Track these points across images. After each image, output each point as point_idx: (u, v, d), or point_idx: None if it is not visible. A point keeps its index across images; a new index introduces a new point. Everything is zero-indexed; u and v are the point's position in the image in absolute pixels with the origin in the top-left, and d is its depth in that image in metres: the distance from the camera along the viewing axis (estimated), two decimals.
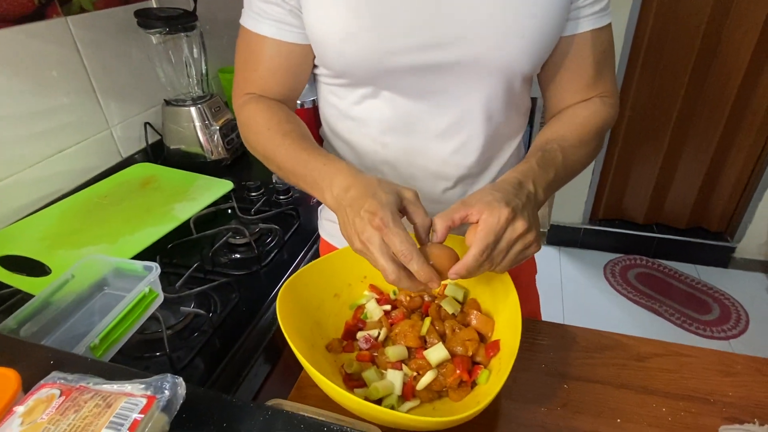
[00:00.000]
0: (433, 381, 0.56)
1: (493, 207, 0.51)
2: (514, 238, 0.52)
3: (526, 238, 0.53)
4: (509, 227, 0.51)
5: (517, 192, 0.55)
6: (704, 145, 2.12)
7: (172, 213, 0.99)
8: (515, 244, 0.52)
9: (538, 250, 0.55)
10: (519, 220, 0.51)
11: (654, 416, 0.54)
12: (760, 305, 2.09)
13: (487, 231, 0.50)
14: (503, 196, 0.53)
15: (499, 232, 0.51)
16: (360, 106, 0.69)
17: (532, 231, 0.53)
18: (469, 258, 0.51)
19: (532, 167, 0.59)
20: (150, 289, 0.70)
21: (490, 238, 0.50)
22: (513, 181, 0.56)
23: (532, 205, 0.56)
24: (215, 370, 0.69)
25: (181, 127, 1.25)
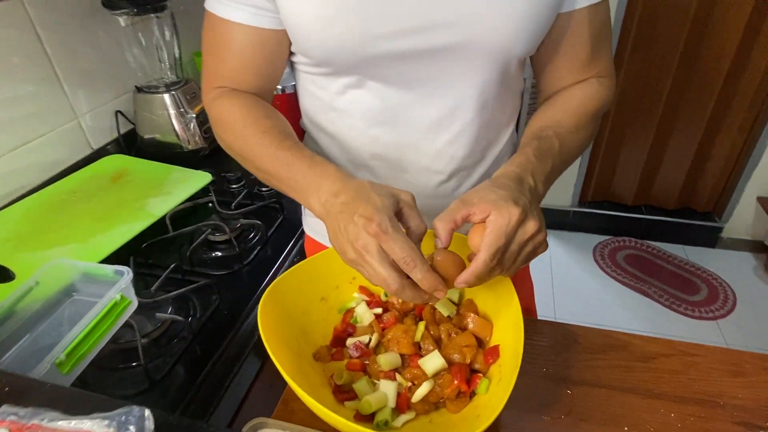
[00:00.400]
0: (430, 392, 0.52)
1: (501, 207, 0.47)
2: (525, 240, 0.48)
3: (537, 238, 0.49)
4: (520, 229, 0.47)
5: (520, 188, 0.51)
6: (693, 126, 2.11)
7: (147, 209, 0.93)
8: (526, 246, 0.48)
9: (546, 249, 0.51)
10: (530, 221, 0.48)
11: (662, 422, 0.51)
12: (746, 285, 2.11)
13: (498, 234, 0.46)
14: (509, 194, 0.48)
15: (509, 234, 0.47)
16: (343, 97, 0.64)
17: (542, 231, 0.49)
18: (478, 264, 0.47)
19: (529, 159, 0.55)
20: (122, 296, 0.65)
21: (500, 242, 0.46)
22: (512, 176, 0.52)
23: (537, 201, 0.52)
24: (195, 380, 0.64)
25: (154, 116, 1.18)
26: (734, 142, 2.10)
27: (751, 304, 2.02)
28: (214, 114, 0.65)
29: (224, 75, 0.65)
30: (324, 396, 0.54)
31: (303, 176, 0.54)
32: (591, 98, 0.64)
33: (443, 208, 0.73)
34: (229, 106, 0.63)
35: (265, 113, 0.62)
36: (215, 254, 0.87)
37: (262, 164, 0.59)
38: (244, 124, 0.61)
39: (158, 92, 1.16)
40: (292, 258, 0.88)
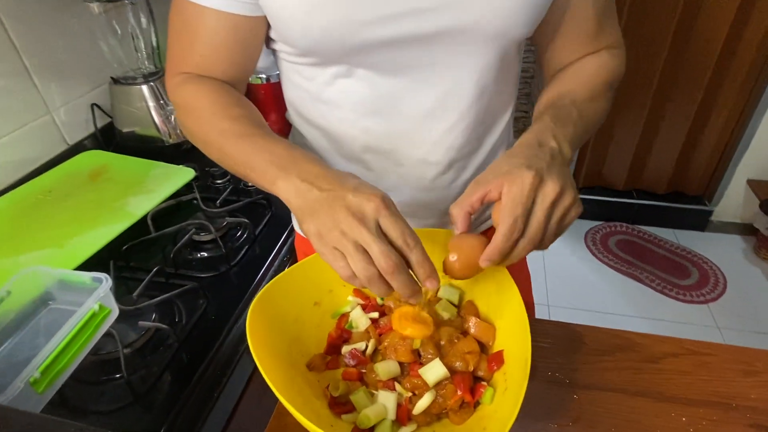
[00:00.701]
0: (432, 403, 0.49)
1: (513, 175, 0.44)
2: (548, 206, 0.44)
3: (563, 201, 0.45)
4: (539, 194, 0.44)
5: (538, 152, 0.47)
6: (685, 110, 2.09)
7: (127, 208, 0.88)
8: (553, 212, 0.44)
9: (580, 211, 0.46)
10: (548, 183, 0.44)
11: (674, 427, 0.49)
12: (736, 268, 2.12)
13: (513, 202, 0.43)
14: (522, 160, 0.45)
15: (526, 201, 0.43)
16: (332, 88, 0.60)
17: (567, 191, 0.45)
18: (498, 238, 0.43)
19: (547, 124, 0.51)
20: (100, 305, 0.61)
21: (517, 210, 0.43)
22: (530, 143, 0.49)
23: (559, 163, 0.47)
24: (182, 392, 0.61)
25: (133, 108, 1.12)
26: (725, 125, 2.09)
27: (741, 287, 2.03)
28: (178, 100, 0.60)
29: (192, 62, 0.60)
30: (319, 409, 0.50)
31: (276, 156, 0.48)
32: (603, 68, 0.61)
33: (440, 201, 0.71)
34: (195, 92, 0.58)
35: (235, 101, 0.58)
36: (200, 255, 0.83)
37: (229, 149, 0.53)
38: (212, 111, 0.56)
39: (136, 83, 1.10)
40: (282, 257, 0.85)
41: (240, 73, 0.62)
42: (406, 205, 0.69)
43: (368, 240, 0.41)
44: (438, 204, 0.69)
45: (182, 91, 0.60)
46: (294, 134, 0.80)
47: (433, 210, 0.70)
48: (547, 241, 0.45)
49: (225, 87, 0.60)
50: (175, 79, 0.62)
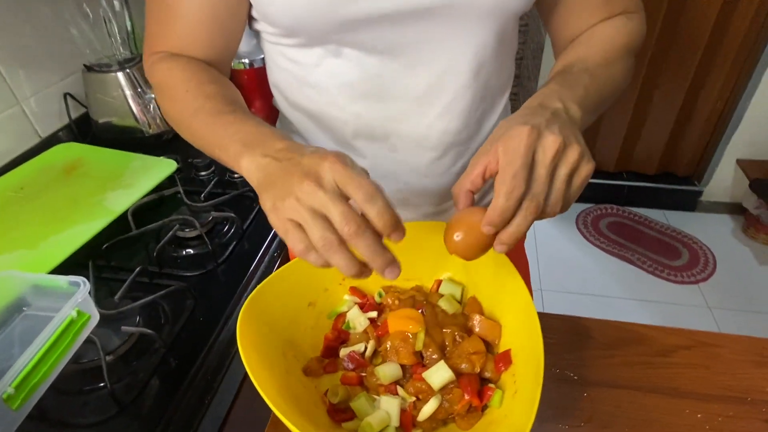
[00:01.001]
0: (437, 409, 0.46)
1: (508, 135, 0.40)
2: (550, 160, 0.39)
3: (568, 155, 0.39)
4: (538, 148, 0.39)
5: (537, 112, 0.43)
6: (675, 91, 2.08)
7: (105, 204, 0.83)
8: (558, 168, 0.40)
9: (592, 168, 0.41)
10: (547, 136, 0.39)
11: (689, 425, 0.47)
12: (725, 247, 2.14)
13: (510, 157, 0.39)
14: (517, 119, 0.42)
15: (525, 155, 0.38)
16: (319, 69, 0.56)
17: (572, 145, 0.40)
18: (497, 198, 0.39)
19: (552, 89, 0.47)
20: (78, 311, 0.57)
21: (515, 164, 0.38)
22: (531, 105, 0.45)
23: (562, 120, 0.43)
24: (171, 400, 0.57)
25: (109, 97, 1.06)
26: (715, 105, 2.08)
27: (731, 266, 2.05)
28: (153, 80, 0.57)
29: (169, 43, 0.56)
30: (318, 417, 0.47)
31: (245, 134, 0.45)
32: (618, 32, 0.56)
33: (436, 188, 0.67)
34: (171, 69, 0.54)
35: (210, 78, 0.54)
36: (186, 253, 0.79)
37: (200, 128, 0.50)
38: (186, 89, 0.52)
39: (111, 71, 1.04)
40: (272, 253, 0.81)
41: (220, 55, 0.58)
42: (400, 192, 0.66)
43: (324, 202, 0.36)
44: (434, 191, 0.66)
45: (157, 69, 0.56)
46: (282, 120, 0.76)
47: (429, 197, 0.67)
48: (555, 202, 0.40)
49: (201, 64, 0.56)
50: (151, 59, 0.58)
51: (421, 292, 0.58)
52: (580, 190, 0.41)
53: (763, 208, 2.05)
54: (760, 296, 1.91)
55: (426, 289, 0.59)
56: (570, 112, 0.44)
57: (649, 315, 1.86)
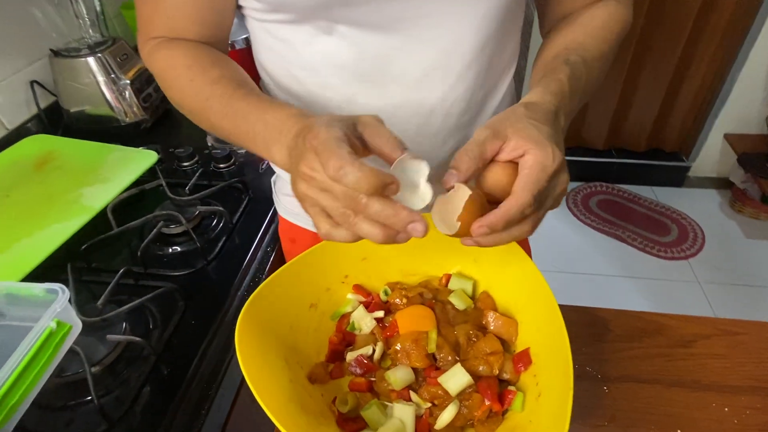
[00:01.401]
0: (455, 416, 0.43)
1: (545, 147, 0.38)
2: (558, 194, 0.40)
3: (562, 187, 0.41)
4: (554, 178, 0.39)
5: (556, 127, 0.42)
6: (663, 67, 2.05)
7: (82, 201, 0.78)
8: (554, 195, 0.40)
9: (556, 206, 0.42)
10: (565, 172, 0.40)
11: (717, 420, 0.45)
12: (713, 222, 2.15)
13: (538, 177, 0.37)
14: (550, 132, 0.40)
15: (549, 183, 0.38)
16: (311, 50, 0.51)
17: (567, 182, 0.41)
18: (513, 204, 0.37)
19: (563, 91, 0.45)
20: (58, 321, 0.52)
21: (542, 184, 0.38)
22: (550, 109, 0.43)
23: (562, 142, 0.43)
24: (165, 412, 0.53)
25: (80, 84, 0.99)
26: (703, 81, 2.07)
27: (719, 241, 2.06)
28: (155, 70, 0.54)
29: (161, 25, 0.53)
30: (327, 428, 0.44)
31: (264, 125, 0.44)
32: (613, 19, 0.54)
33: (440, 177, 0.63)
34: (169, 58, 0.52)
35: (212, 60, 0.51)
36: (172, 250, 0.74)
37: (216, 120, 0.49)
38: (190, 78, 0.50)
39: (80, 56, 0.96)
40: (265, 247, 0.76)
41: (215, 33, 0.55)
42: None
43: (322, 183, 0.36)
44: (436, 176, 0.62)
45: (156, 59, 0.53)
46: None
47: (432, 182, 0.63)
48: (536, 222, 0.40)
49: (200, 47, 0.53)
50: (147, 47, 0.55)
51: (429, 288, 0.54)
52: None
53: (749, 182, 2.06)
54: (748, 269, 1.93)
55: (433, 284, 0.56)
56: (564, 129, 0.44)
57: (640, 292, 1.87)
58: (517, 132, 0.39)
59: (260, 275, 0.72)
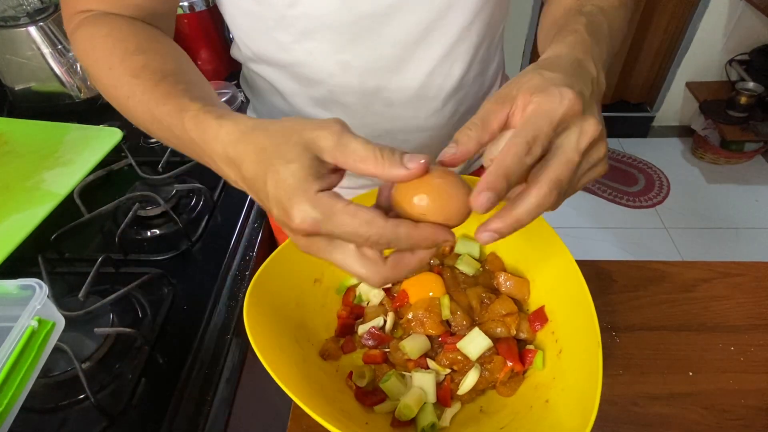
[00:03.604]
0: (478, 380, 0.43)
1: (549, 92, 0.31)
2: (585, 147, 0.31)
3: (596, 151, 0.32)
4: (574, 126, 0.31)
5: (580, 74, 0.34)
6: None
7: (44, 187, 0.71)
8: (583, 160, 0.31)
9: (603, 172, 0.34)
10: (590, 119, 0.31)
11: (724, 359, 0.47)
12: (677, 169, 2.23)
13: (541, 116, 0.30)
14: (563, 78, 0.32)
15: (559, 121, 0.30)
16: (295, 11, 0.47)
17: (604, 141, 0.33)
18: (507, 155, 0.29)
19: (584, 38, 0.37)
20: (39, 319, 0.48)
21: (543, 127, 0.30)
22: (569, 59, 0.35)
23: (598, 99, 0.35)
24: (168, 404, 0.51)
25: (22, 58, 0.89)
26: (665, 30, 2.09)
27: (683, 187, 2.15)
28: (76, 51, 0.46)
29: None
30: (346, 404, 0.43)
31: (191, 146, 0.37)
32: None
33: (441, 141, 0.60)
34: (90, 38, 0.44)
35: (137, 45, 0.43)
36: (152, 233, 0.69)
37: (144, 126, 0.41)
38: (109, 66, 0.42)
39: (19, 25, 0.86)
40: (252, 222, 0.73)
41: (158, 5, 0.47)
42: None
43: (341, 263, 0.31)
44: (435, 145, 0.60)
45: (77, 38, 0.45)
46: (245, 78, 0.66)
47: (431, 151, 0.60)
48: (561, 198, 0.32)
49: (132, 25, 0.45)
50: (72, 22, 0.47)
51: (435, 254, 0.53)
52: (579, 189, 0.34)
53: (710, 129, 2.13)
54: (710, 213, 2.03)
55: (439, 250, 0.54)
56: (600, 84, 0.36)
57: (611, 241, 1.94)
58: (521, 88, 0.32)
59: (251, 252, 0.68)
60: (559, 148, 0.31)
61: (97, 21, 0.45)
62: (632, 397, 0.45)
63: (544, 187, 0.30)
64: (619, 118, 2.35)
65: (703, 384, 0.45)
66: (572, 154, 0.30)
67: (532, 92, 0.31)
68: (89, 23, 0.45)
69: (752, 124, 1.99)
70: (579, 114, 0.31)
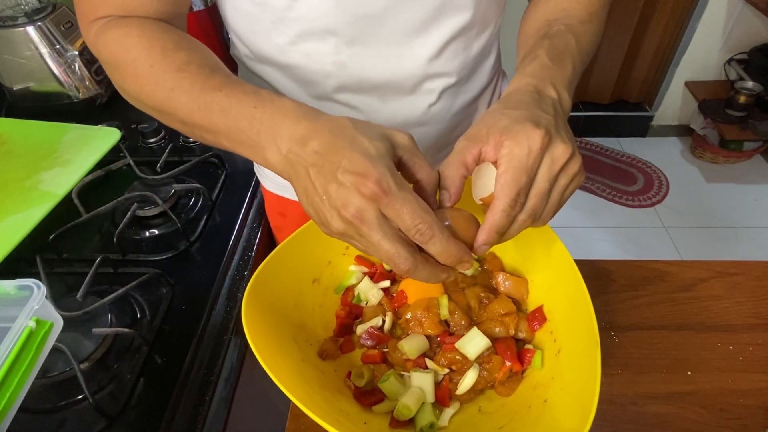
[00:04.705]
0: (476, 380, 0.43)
1: (516, 133, 0.35)
2: (556, 172, 0.36)
3: (571, 167, 0.36)
4: (546, 157, 0.35)
5: (540, 103, 0.38)
6: (627, 17, 2.06)
7: (42, 188, 0.71)
8: (559, 180, 0.36)
9: (582, 181, 0.39)
10: (557, 144, 0.35)
11: (723, 358, 0.47)
12: (676, 168, 2.23)
13: (516, 169, 0.34)
14: (525, 114, 0.36)
15: (532, 166, 0.35)
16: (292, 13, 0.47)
17: (576, 156, 0.37)
18: (496, 215, 0.35)
19: (544, 64, 0.42)
20: (37, 319, 0.48)
21: (521, 180, 0.34)
22: (527, 90, 0.39)
23: (563, 118, 0.39)
24: (166, 405, 0.51)
25: (20, 58, 0.89)
26: (664, 30, 2.09)
27: (682, 186, 2.15)
28: (104, 55, 0.46)
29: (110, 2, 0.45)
30: (344, 404, 0.43)
31: (249, 122, 0.37)
32: None
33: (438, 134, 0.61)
34: (122, 38, 0.44)
35: (175, 43, 0.44)
36: (150, 234, 0.69)
37: (186, 116, 0.41)
38: (150, 63, 0.42)
39: (17, 25, 0.86)
40: (250, 222, 0.73)
41: (175, 8, 0.48)
42: None
43: (376, 241, 0.32)
44: (433, 138, 0.60)
45: (105, 41, 0.45)
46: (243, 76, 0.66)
47: (428, 146, 0.61)
48: (548, 215, 0.37)
49: (159, 25, 0.45)
50: (93, 29, 0.46)
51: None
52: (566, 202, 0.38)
53: (708, 128, 2.13)
54: (709, 212, 2.03)
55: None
56: (563, 103, 0.40)
57: (610, 241, 1.94)
58: (490, 128, 0.36)
59: (249, 253, 0.68)
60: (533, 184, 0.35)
61: (125, 23, 0.45)
62: (631, 397, 0.45)
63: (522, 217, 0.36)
64: (618, 117, 2.35)
65: (702, 383, 0.45)
66: (543, 184, 0.35)
67: (501, 133, 0.35)
68: (116, 26, 0.45)
69: (751, 123, 1.99)
70: (546, 146, 0.35)
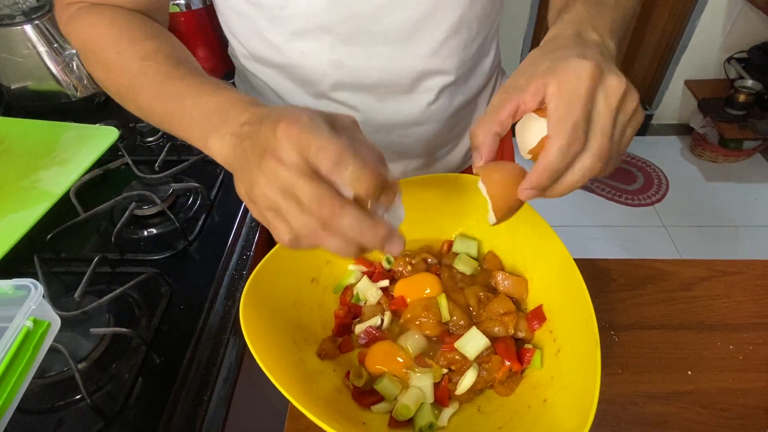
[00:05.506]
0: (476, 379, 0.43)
1: (561, 70, 0.32)
2: (615, 105, 0.31)
3: (629, 102, 0.32)
4: (600, 92, 0.31)
5: (583, 42, 0.35)
6: None
7: (40, 186, 0.71)
8: (618, 117, 0.32)
9: (642, 119, 0.35)
10: (611, 77, 0.32)
11: (723, 358, 0.47)
12: (676, 167, 2.23)
13: (570, 101, 0.31)
14: (569, 51, 0.33)
15: (587, 99, 0.31)
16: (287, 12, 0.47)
17: (632, 90, 0.33)
18: (551, 153, 0.31)
19: (581, 14, 0.39)
20: (34, 319, 0.48)
21: (576, 111, 0.30)
22: (568, 34, 0.36)
23: (610, 59, 0.36)
24: (165, 405, 0.50)
25: (18, 57, 0.89)
26: (664, 29, 2.09)
27: (682, 185, 2.15)
28: (74, 41, 0.46)
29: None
30: (343, 404, 0.43)
31: (202, 110, 0.36)
32: None
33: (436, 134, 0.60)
34: (93, 26, 0.44)
35: (145, 33, 0.44)
36: (149, 233, 0.69)
37: (145, 102, 0.41)
38: (117, 51, 0.42)
39: (15, 23, 0.86)
40: (248, 222, 0.72)
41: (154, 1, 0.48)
42: (394, 144, 0.59)
43: (289, 180, 0.29)
44: (431, 137, 0.60)
45: (76, 26, 0.45)
46: (240, 75, 0.66)
47: (426, 145, 0.60)
48: (615, 158, 0.33)
49: (132, 15, 0.45)
50: (66, 13, 0.46)
51: (432, 253, 0.52)
52: (629, 144, 0.34)
53: (708, 127, 2.13)
54: (708, 211, 2.03)
55: (436, 249, 0.54)
56: (608, 47, 0.36)
57: (610, 239, 1.94)
58: (530, 75, 0.33)
59: (248, 252, 0.68)
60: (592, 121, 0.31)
61: (97, 10, 0.45)
62: (631, 396, 0.45)
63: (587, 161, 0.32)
64: None
65: (702, 383, 0.45)
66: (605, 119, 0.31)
67: (544, 76, 0.32)
68: (87, 12, 0.45)
69: (751, 122, 1.99)
70: (599, 76, 0.31)
